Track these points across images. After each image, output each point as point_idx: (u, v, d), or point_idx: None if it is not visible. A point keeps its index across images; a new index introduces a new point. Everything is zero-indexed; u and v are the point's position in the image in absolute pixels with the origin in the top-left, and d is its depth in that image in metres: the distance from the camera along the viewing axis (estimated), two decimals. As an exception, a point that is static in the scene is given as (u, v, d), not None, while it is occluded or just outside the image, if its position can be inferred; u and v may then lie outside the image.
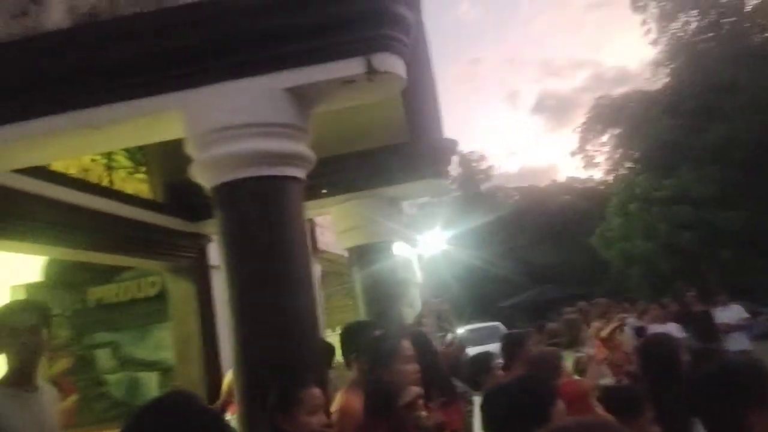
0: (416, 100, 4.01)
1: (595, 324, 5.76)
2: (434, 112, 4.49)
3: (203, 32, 2.46)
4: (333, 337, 7.49)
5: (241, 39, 2.45)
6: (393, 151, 4.39)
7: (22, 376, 2.39)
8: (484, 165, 32.52)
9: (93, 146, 3.00)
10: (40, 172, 3.25)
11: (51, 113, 2.51)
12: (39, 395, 2.47)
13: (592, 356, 3.96)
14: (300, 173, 2.58)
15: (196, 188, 2.70)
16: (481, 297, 26.43)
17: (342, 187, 4.50)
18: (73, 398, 6.82)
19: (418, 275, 12.41)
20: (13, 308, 2.55)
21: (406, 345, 2.70)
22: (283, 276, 2.47)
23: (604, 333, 5.49)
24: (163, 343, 6.82)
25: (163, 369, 6.47)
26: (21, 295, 6.06)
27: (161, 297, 7.28)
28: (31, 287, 6.21)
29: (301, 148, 2.56)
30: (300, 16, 2.42)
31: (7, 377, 2.40)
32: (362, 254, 4.78)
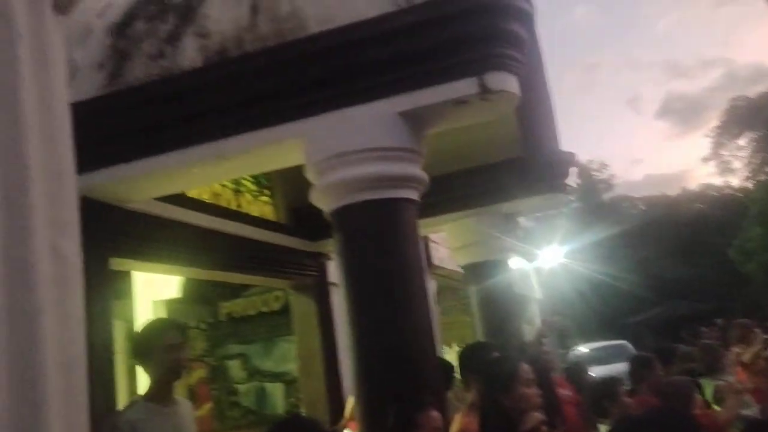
0: (530, 113, 3.92)
1: (735, 349, 5.27)
2: (550, 124, 4.36)
3: (320, 64, 2.57)
4: (450, 354, 7.44)
5: (355, 67, 2.53)
6: (508, 166, 4.31)
7: (162, 391, 2.58)
8: (605, 174, 30.96)
9: (223, 175, 3.22)
10: (177, 199, 3.53)
11: (186, 146, 2.72)
12: (177, 408, 2.65)
13: (733, 384, 3.61)
14: (414, 195, 2.61)
15: (317, 209, 2.81)
16: (605, 313, 25.09)
17: (456, 204, 4.48)
18: (208, 406, 7.29)
19: (537, 291, 12.02)
20: (158, 327, 2.75)
21: (526, 368, 2.61)
22: (399, 295, 2.50)
23: (746, 358, 5.01)
24: (287, 356, 7.12)
25: (287, 380, 6.75)
26: (162, 310, 6.59)
27: (285, 311, 7.61)
28: (171, 303, 6.74)
29: (416, 170, 2.59)
30: (412, 41, 2.46)
31: (148, 392, 2.60)
32: (478, 271, 4.73)
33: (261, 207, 4.56)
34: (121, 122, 2.77)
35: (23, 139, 0.95)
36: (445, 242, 8.30)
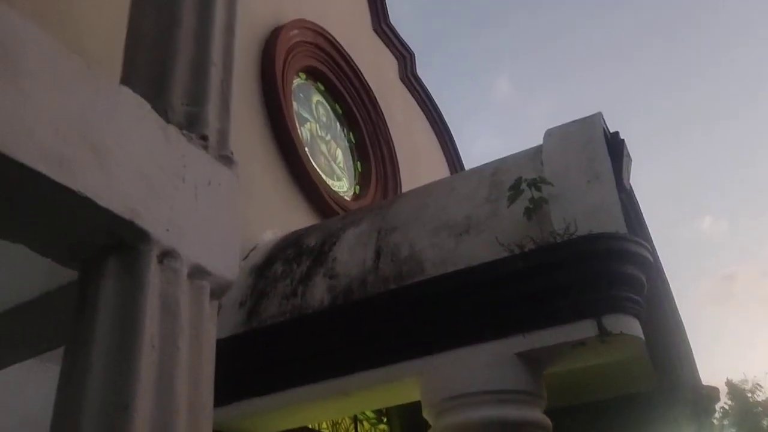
0: (660, 344, 3.73)
1: None
2: (684, 354, 4.08)
3: (437, 305, 2.70)
4: None
5: (470, 309, 2.63)
6: (639, 401, 4.00)
7: None
8: (761, 396, 27.24)
9: (344, 410, 3.28)
10: (299, 429, 3.59)
11: (311, 382, 2.85)
12: None
13: None
14: (536, 439, 2.49)
15: None
16: None
17: (587, 440, 4.13)
18: None
19: None
20: None
21: None
22: None
23: None
24: None
25: None
26: None
27: None
28: None
29: (536, 414, 2.50)
30: (526, 285, 2.55)
31: None
32: None
33: (379, 436, 4.48)
34: (254, 359, 2.99)
35: (174, 422, 1.08)
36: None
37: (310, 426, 3.71)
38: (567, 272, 2.49)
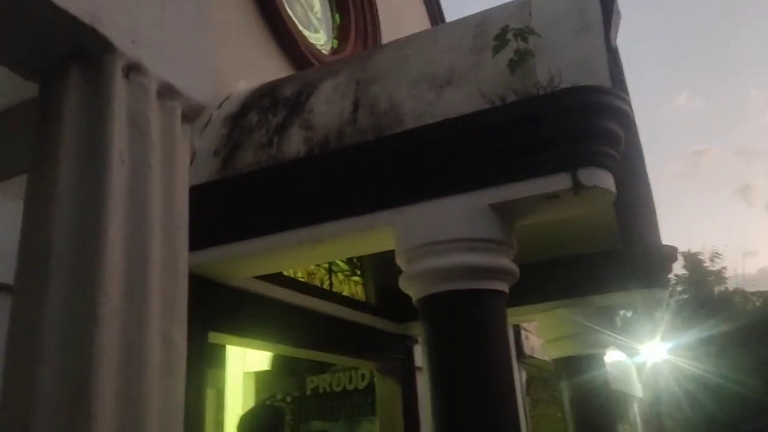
0: (629, 205, 3.83)
1: None
2: (650, 217, 4.22)
3: (414, 157, 2.68)
4: (540, 451, 7.02)
5: (447, 161, 2.62)
6: (604, 258, 4.18)
7: None
8: (717, 266, 28.90)
9: (318, 257, 3.36)
10: (274, 278, 3.70)
11: (285, 230, 2.88)
12: None
13: None
14: (503, 287, 2.60)
15: (404, 292, 2.86)
16: (717, 418, 22.77)
17: (549, 294, 4.37)
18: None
19: (638, 389, 11.21)
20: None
21: None
22: (485, 388, 2.44)
23: None
24: (369, 438, 7.01)
25: (368, 465, 6.61)
26: (251, 382, 6.75)
27: (370, 390, 7.55)
28: (260, 375, 6.91)
29: (505, 262, 2.58)
30: (505, 137, 2.53)
31: None
32: (570, 365, 4.52)
33: (352, 287, 4.66)
34: (229, 206, 2.99)
35: (148, 237, 1.07)
36: (538, 331, 8.04)
37: (284, 273, 3.82)
38: (547, 125, 2.46)
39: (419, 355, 5.11)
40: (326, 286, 4.36)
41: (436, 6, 6.47)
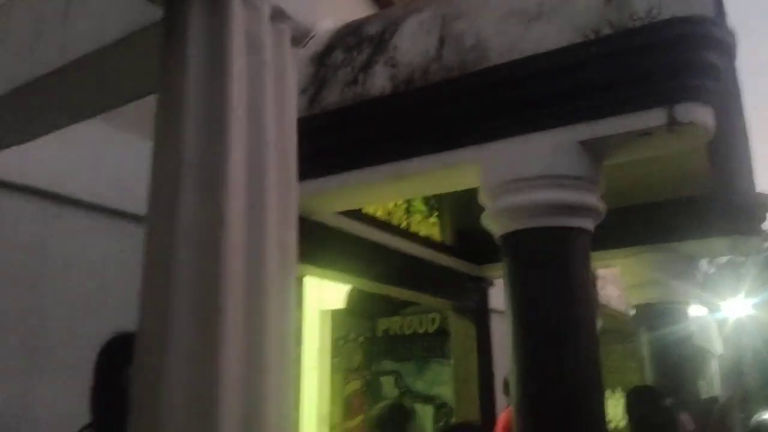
0: (723, 149, 3.65)
1: None
2: (744, 162, 4.01)
3: (501, 92, 2.65)
4: (610, 400, 7.01)
5: (537, 96, 2.58)
6: (692, 204, 4.04)
7: None
8: (809, 221, 27.00)
9: (401, 194, 3.42)
10: (354, 214, 3.80)
11: (370, 165, 2.95)
12: None
13: None
14: (589, 224, 2.57)
15: (482, 233, 2.88)
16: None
17: (633, 239, 4.27)
18: (360, 418, 7.55)
19: (719, 345, 10.87)
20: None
21: (686, 419, 2.44)
22: (567, 326, 2.47)
23: None
24: (438, 379, 7.19)
25: (438, 404, 6.81)
26: (327, 320, 7.04)
27: (440, 333, 7.70)
28: (335, 313, 7.18)
29: (592, 199, 2.55)
30: (598, 72, 2.46)
31: None
32: (651, 314, 4.44)
33: (429, 228, 4.72)
34: (316, 143, 3.07)
35: (265, 148, 1.15)
36: (614, 280, 7.88)
37: (364, 210, 3.92)
38: (644, 58, 2.37)
39: (494, 297, 5.17)
40: (404, 226, 4.44)
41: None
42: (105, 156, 2.61)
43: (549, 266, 2.50)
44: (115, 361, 1.92)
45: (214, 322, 1.02)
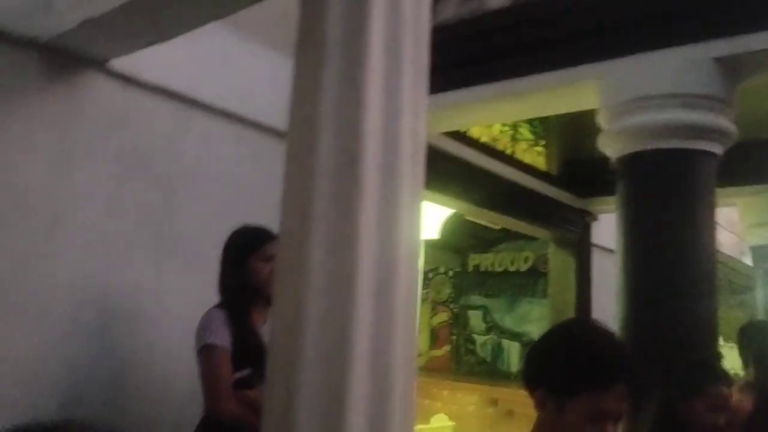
0: None
1: None
2: None
3: (629, 4, 2.49)
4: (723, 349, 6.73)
5: (668, 9, 2.40)
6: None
7: None
8: None
9: (515, 114, 3.34)
10: (460, 137, 3.77)
11: (482, 83, 2.89)
12: None
13: None
14: (718, 149, 2.41)
15: (589, 165, 2.77)
16: None
17: (756, 178, 3.98)
18: (446, 348, 7.73)
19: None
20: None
21: None
22: (685, 255, 2.34)
23: None
24: (528, 317, 7.19)
25: (526, 342, 6.84)
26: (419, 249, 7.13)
27: (533, 273, 7.62)
28: (427, 243, 7.26)
29: (723, 121, 2.38)
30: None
31: None
32: (770, 256, 4.18)
33: (534, 157, 4.61)
34: (431, 57, 3.03)
35: (401, 111, 1.16)
36: (728, 224, 7.41)
37: (469, 135, 3.87)
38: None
39: (598, 232, 5.02)
40: (509, 153, 4.36)
41: None
42: (232, 62, 2.71)
43: (671, 189, 2.37)
44: (242, 246, 2.07)
45: (353, 211, 1.07)
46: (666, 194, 2.39)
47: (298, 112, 1.15)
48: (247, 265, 2.06)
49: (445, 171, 3.78)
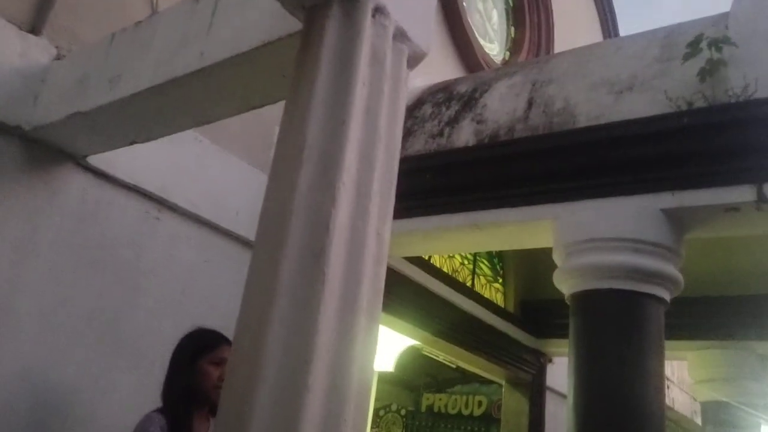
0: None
1: None
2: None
3: (586, 154, 2.71)
4: None
5: (621, 162, 2.62)
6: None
7: None
8: None
9: (475, 245, 3.46)
10: (421, 263, 3.85)
11: (448, 212, 3.02)
12: None
13: None
14: (665, 294, 2.53)
15: (545, 306, 2.86)
16: None
17: (704, 332, 4.11)
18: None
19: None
20: None
21: None
22: (635, 398, 2.37)
23: None
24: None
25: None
26: (373, 382, 6.97)
27: (486, 418, 7.44)
28: (381, 375, 7.10)
29: (670, 269, 2.52)
30: (686, 143, 2.48)
31: None
32: (720, 412, 4.19)
33: (493, 293, 4.70)
34: (398, 185, 3.19)
35: (377, 146, 1.26)
36: (676, 381, 7.47)
37: (429, 259, 3.96)
38: (736, 134, 2.39)
39: (553, 376, 5.02)
40: (468, 285, 4.45)
41: (612, 27, 6.37)
42: (204, 169, 2.81)
43: (621, 329, 2.44)
44: (194, 347, 2.02)
45: (312, 322, 1.09)
46: (615, 333, 2.46)
47: (270, 204, 1.21)
48: (196, 367, 2.01)
49: (405, 296, 3.81)
